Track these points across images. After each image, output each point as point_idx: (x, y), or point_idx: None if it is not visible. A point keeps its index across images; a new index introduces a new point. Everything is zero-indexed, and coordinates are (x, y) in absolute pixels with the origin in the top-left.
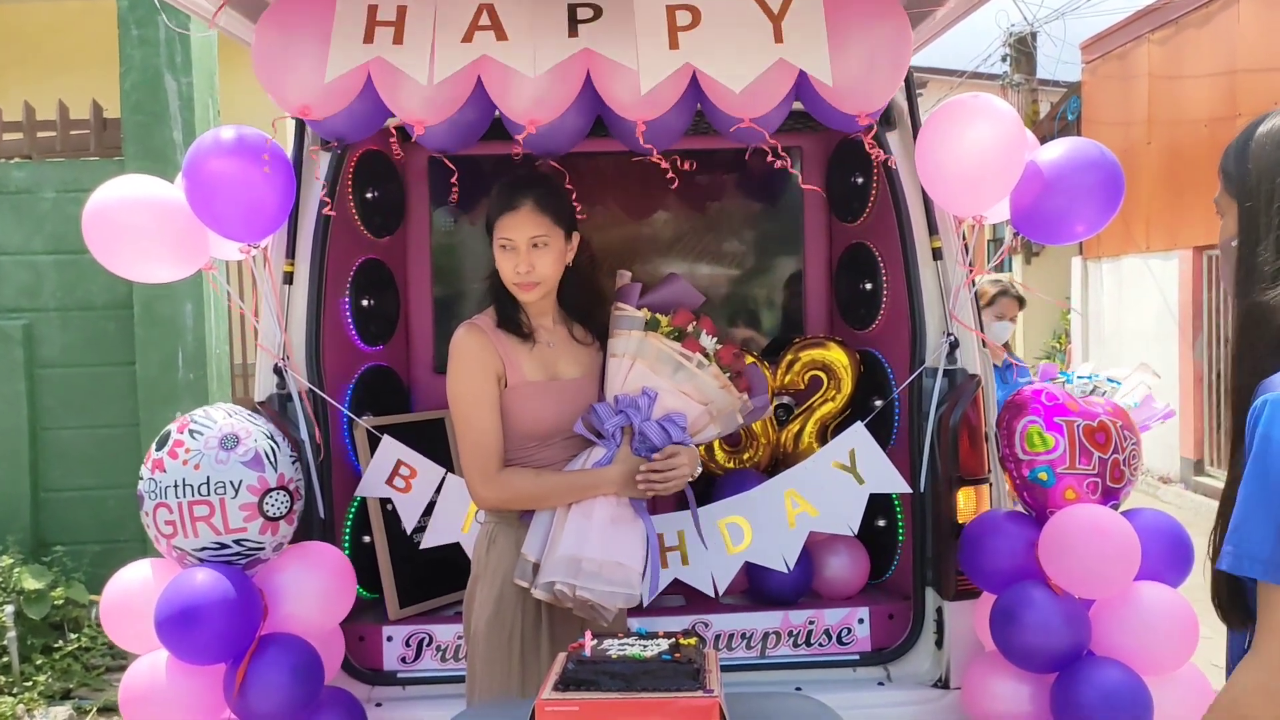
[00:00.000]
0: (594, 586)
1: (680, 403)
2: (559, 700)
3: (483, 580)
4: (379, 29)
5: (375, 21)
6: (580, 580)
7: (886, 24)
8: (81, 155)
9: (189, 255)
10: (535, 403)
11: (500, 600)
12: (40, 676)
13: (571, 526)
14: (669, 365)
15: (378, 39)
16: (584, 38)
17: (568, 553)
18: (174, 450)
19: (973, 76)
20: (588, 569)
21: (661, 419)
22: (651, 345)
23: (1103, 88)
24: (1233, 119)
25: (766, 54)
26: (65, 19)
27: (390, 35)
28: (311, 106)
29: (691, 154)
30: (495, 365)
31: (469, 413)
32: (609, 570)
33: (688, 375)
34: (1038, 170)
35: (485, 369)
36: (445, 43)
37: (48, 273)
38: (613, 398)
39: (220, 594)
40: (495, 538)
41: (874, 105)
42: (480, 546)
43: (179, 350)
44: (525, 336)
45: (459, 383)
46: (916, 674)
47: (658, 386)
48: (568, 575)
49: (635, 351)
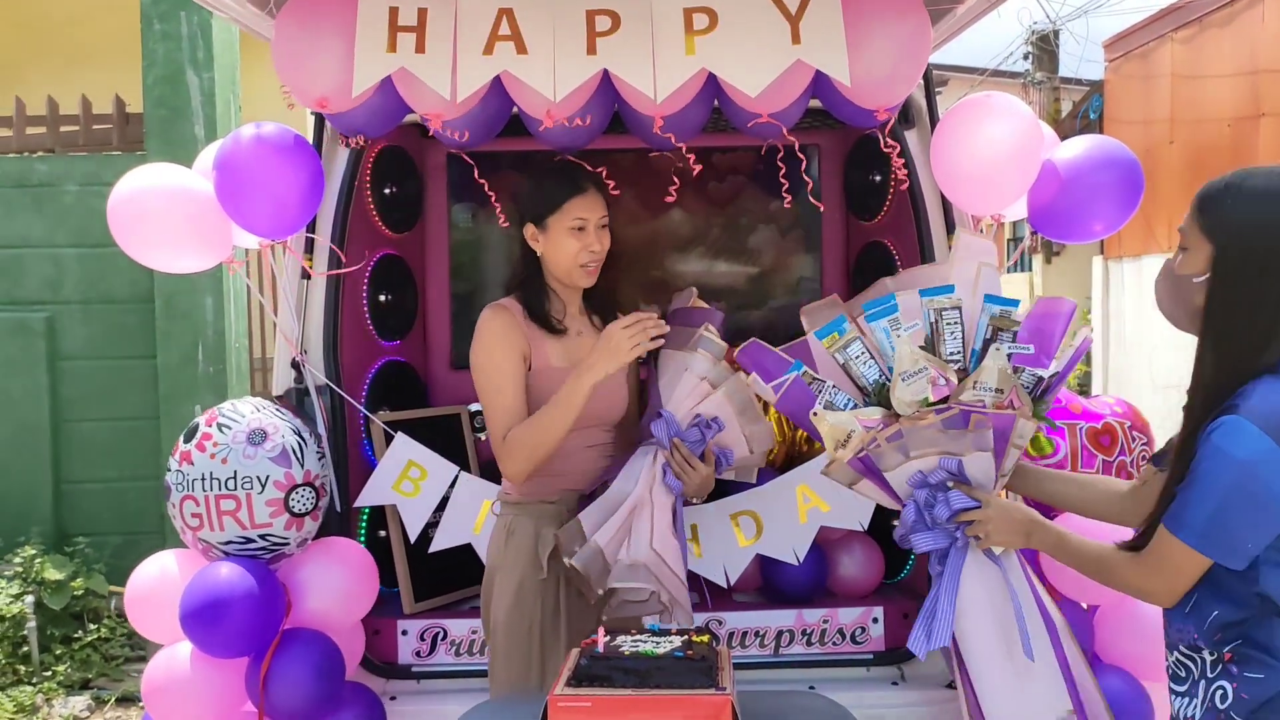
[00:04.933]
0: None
1: (734, 440)
2: (572, 696)
3: (501, 571)
4: (401, 35)
5: (397, 27)
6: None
7: (906, 20)
8: (104, 149)
9: (212, 245)
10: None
11: (520, 591)
12: (59, 666)
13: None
14: (744, 407)
15: (400, 48)
16: (602, 56)
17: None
18: (202, 443)
19: (994, 74)
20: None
21: (717, 449)
22: (739, 383)
23: (1125, 86)
24: (1256, 119)
25: (784, 56)
26: (88, 13)
27: (412, 43)
28: (330, 100)
29: (708, 151)
30: (521, 345)
31: (496, 387)
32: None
33: (753, 419)
34: (1055, 168)
35: (512, 346)
36: (467, 52)
37: (70, 266)
38: (690, 412)
39: (245, 588)
40: (514, 529)
41: (892, 101)
42: (498, 539)
43: (199, 344)
44: (555, 330)
45: (484, 355)
46: (930, 674)
47: (727, 420)
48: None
49: (718, 380)
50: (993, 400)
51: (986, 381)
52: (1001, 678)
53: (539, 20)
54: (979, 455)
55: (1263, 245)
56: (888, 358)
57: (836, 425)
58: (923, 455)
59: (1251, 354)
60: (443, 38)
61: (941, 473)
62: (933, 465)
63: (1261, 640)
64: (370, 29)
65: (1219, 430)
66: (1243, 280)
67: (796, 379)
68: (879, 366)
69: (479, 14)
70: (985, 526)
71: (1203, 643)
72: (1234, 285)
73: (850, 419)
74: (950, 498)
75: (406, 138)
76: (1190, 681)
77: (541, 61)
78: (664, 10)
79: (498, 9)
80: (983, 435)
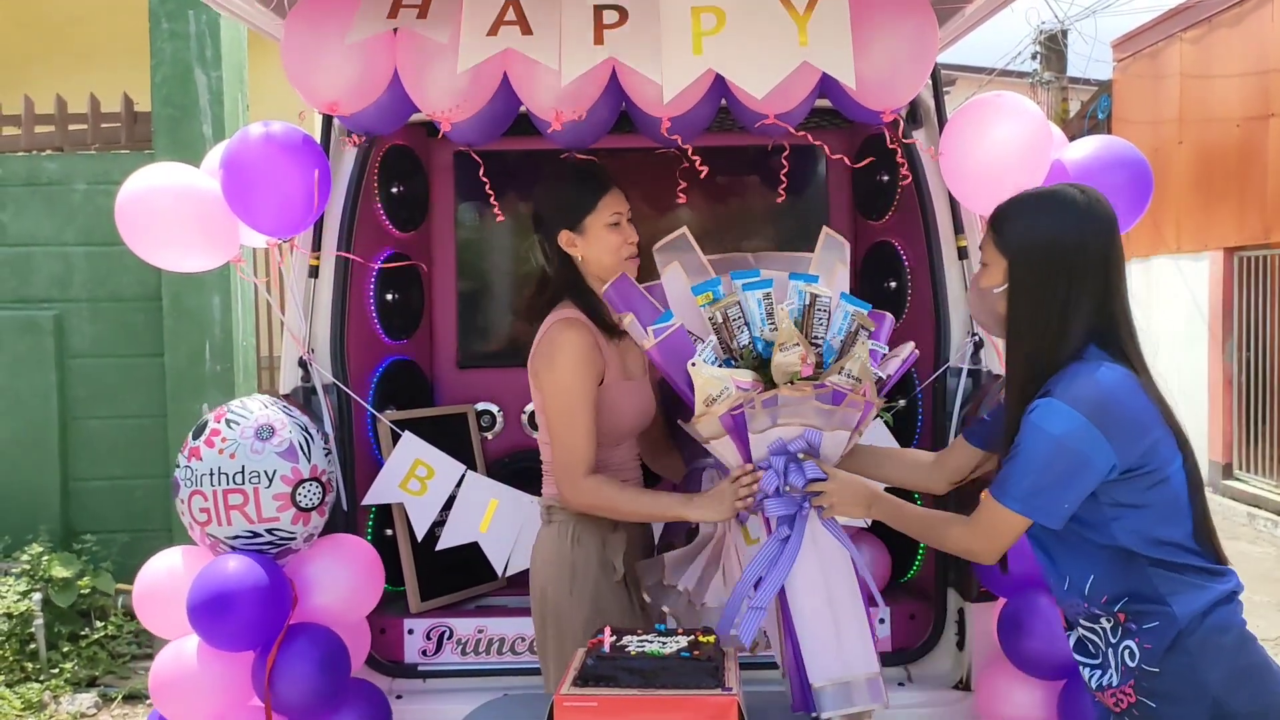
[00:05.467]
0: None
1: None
2: (578, 696)
3: (573, 578)
4: (403, 10)
5: (400, 4)
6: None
7: (913, 20)
8: (112, 148)
9: (220, 244)
10: (624, 402)
11: (597, 595)
12: (67, 664)
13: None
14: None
15: (401, 15)
16: (609, 46)
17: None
18: (210, 439)
19: (1002, 74)
20: None
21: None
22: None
23: (1134, 86)
24: (1265, 119)
25: (790, 58)
26: (96, 12)
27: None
28: (340, 103)
29: (715, 150)
30: (600, 364)
31: (574, 410)
32: None
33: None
34: (1064, 169)
35: (594, 368)
36: (471, 33)
37: (78, 264)
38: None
39: (252, 582)
40: (579, 537)
41: (899, 102)
42: (560, 546)
43: (207, 342)
44: (614, 332)
45: (569, 376)
46: (937, 675)
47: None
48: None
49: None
50: (850, 388)
51: (852, 370)
52: (825, 635)
53: (546, 9)
54: (838, 433)
55: (1042, 258)
56: (754, 326)
57: (711, 379)
58: (789, 424)
59: (1050, 350)
60: (448, 17)
61: (801, 442)
62: (795, 434)
63: (1145, 592)
64: (371, 6)
65: (1036, 411)
66: (1032, 288)
67: (680, 329)
68: (749, 333)
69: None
70: (831, 498)
71: (1097, 610)
72: (1026, 293)
73: (726, 376)
74: (806, 467)
75: (413, 136)
76: (1100, 653)
77: (548, 43)
78: (672, 9)
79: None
80: (849, 416)
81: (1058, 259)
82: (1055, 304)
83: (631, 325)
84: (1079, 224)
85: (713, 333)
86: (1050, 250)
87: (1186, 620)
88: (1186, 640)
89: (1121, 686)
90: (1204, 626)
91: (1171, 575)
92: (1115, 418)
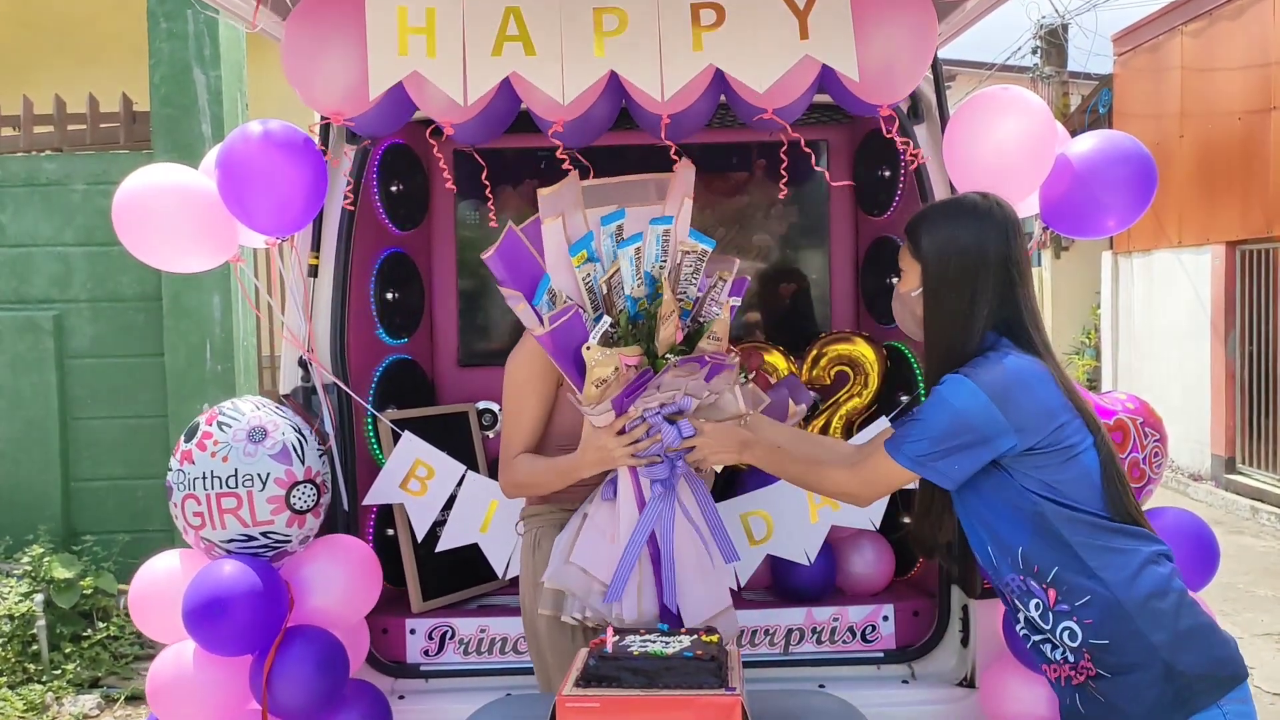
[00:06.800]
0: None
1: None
2: (580, 696)
3: (538, 587)
4: (411, 38)
5: (407, 29)
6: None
7: (913, 14)
8: (111, 148)
9: (218, 244)
10: None
11: (559, 599)
12: (69, 665)
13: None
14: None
15: (412, 50)
16: (610, 57)
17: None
18: (202, 442)
19: (1003, 69)
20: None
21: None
22: None
23: (1135, 80)
24: (1267, 112)
25: (792, 51)
26: (95, 12)
27: (423, 46)
28: (343, 110)
29: (716, 146)
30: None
31: (522, 401)
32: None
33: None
34: (1068, 163)
35: (547, 363)
36: (476, 54)
37: (78, 264)
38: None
39: (247, 586)
40: (539, 541)
41: (898, 95)
42: (526, 554)
43: (207, 342)
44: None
45: (525, 369)
46: (941, 672)
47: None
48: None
49: None
50: (713, 348)
51: (718, 332)
52: (697, 572)
53: (547, 20)
54: (712, 395)
55: (949, 260)
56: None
57: (604, 361)
58: (670, 391)
59: (960, 344)
60: (452, 39)
61: (675, 407)
62: (671, 399)
63: (1073, 565)
64: (380, 31)
65: (945, 384)
66: (942, 288)
67: (576, 314)
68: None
69: (487, 13)
70: (703, 450)
71: (1031, 582)
72: (938, 293)
73: (615, 355)
74: (681, 426)
75: (413, 135)
76: (1044, 633)
77: (550, 64)
78: (672, 6)
79: (504, 8)
80: (727, 378)
81: (962, 261)
82: (963, 301)
83: (523, 313)
84: (979, 228)
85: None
86: (956, 253)
87: (1119, 587)
88: (1126, 607)
89: (1078, 662)
90: (1139, 592)
91: (1095, 544)
92: (1016, 402)
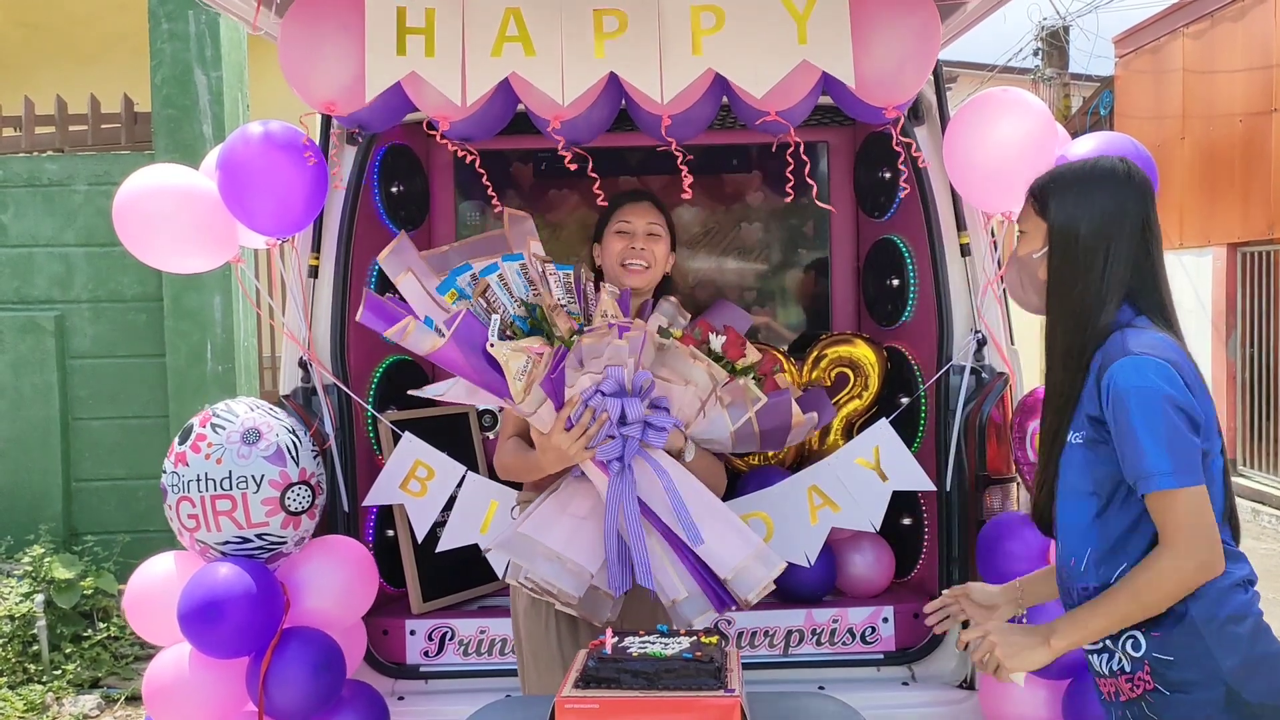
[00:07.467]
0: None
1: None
2: (579, 698)
3: (521, 592)
4: (410, 38)
5: (406, 29)
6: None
7: (915, 17)
8: (112, 149)
9: (218, 245)
10: None
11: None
12: (69, 665)
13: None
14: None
15: (410, 50)
16: (610, 59)
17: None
18: (196, 444)
19: (1004, 71)
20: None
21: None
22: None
23: (1136, 82)
24: (1268, 114)
25: (790, 56)
26: (96, 13)
27: (422, 46)
28: (337, 103)
29: (717, 147)
30: None
31: None
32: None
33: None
34: None
35: None
36: (475, 55)
37: (79, 265)
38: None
39: (242, 588)
40: None
41: (901, 98)
42: None
43: (208, 342)
44: None
45: None
46: (941, 674)
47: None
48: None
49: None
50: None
51: (607, 310)
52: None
53: (547, 21)
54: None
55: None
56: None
57: (513, 354)
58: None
59: (1090, 311)
60: (452, 40)
61: (611, 382)
62: (603, 374)
63: None
64: (379, 30)
65: (1120, 375)
66: (1072, 249)
67: (467, 313)
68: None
69: (487, 14)
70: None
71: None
72: (1066, 254)
73: (522, 348)
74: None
75: (412, 135)
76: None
77: (550, 65)
78: (672, 9)
79: (505, 8)
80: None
81: (1099, 224)
82: (1095, 267)
83: (415, 337)
84: (1116, 188)
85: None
86: (1093, 215)
87: (1202, 604)
88: (1200, 625)
89: (1135, 674)
90: (1220, 612)
91: None
92: (1190, 375)
